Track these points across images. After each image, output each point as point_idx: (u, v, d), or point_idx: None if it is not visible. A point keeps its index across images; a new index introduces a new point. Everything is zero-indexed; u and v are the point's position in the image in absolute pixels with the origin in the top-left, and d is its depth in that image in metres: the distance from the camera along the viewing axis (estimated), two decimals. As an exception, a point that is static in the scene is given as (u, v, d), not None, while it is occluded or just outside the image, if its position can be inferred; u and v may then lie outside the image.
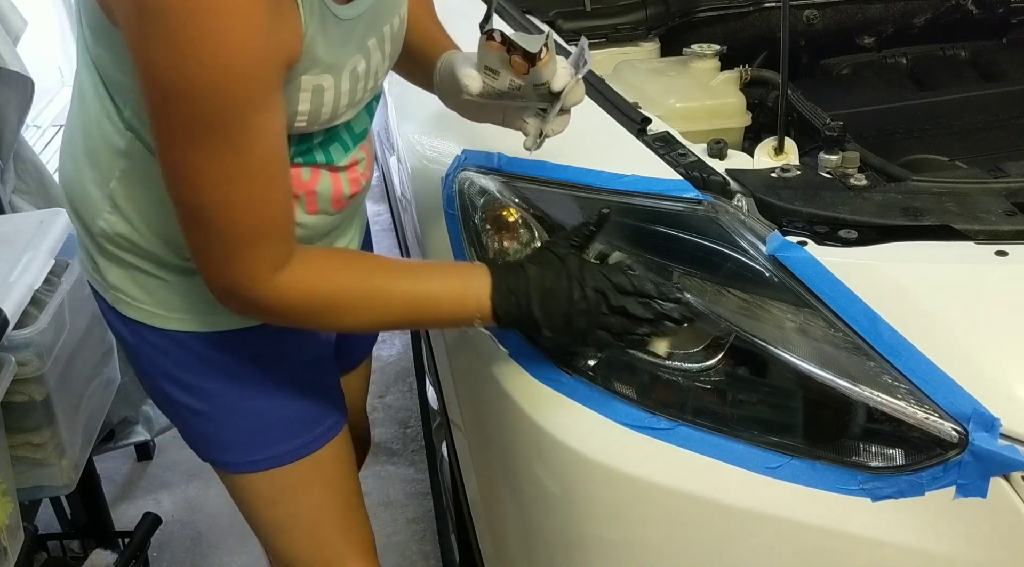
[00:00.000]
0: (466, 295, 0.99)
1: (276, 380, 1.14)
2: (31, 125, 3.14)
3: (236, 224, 0.88)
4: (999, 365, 0.90)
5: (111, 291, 1.09)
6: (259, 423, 1.15)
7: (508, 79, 0.97)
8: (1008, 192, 1.06)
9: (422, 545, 2.10)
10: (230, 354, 1.10)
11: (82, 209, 1.06)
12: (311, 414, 1.18)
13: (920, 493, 0.90)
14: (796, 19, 1.90)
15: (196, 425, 1.15)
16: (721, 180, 1.10)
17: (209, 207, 0.86)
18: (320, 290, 0.95)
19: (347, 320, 1.00)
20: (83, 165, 1.04)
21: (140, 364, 1.14)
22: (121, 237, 1.04)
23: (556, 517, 1.09)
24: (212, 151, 0.83)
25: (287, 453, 1.16)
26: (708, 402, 1.01)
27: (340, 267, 0.98)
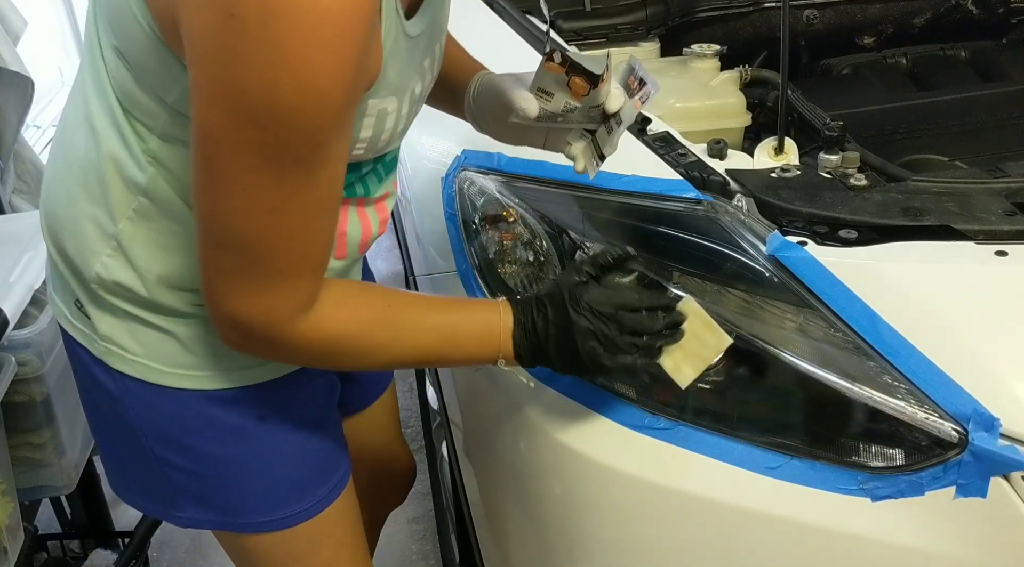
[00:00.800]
0: (487, 338, 0.93)
1: (281, 441, 1.06)
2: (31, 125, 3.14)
3: (276, 256, 0.80)
4: (999, 365, 0.90)
5: (100, 342, 0.97)
6: (262, 486, 1.06)
7: (563, 101, 0.94)
8: (1008, 192, 1.06)
9: (422, 545, 2.10)
10: (235, 414, 1.01)
11: (74, 250, 0.94)
12: (317, 473, 1.10)
13: (920, 493, 0.90)
14: (796, 19, 1.90)
15: (185, 485, 1.04)
16: (721, 180, 1.10)
17: (251, 236, 0.78)
18: (344, 331, 0.88)
19: (368, 361, 0.94)
20: (80, 200, 0.92)
21: (125, 422, 1.01)
22: (119, 285, 0.93)
23: (556, 517, 1.09)
24: (277, 177, 0.76)
25: (291, 516, 1.08)
26: (708, 402, 1.01)
27: (365, 306, 0.91)
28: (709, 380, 1.01)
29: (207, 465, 1.02)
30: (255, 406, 1.02)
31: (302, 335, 0.85)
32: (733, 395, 1.01)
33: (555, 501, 1.08)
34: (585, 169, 1.02)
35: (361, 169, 0.95)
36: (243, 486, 1.05)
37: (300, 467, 1.08)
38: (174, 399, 0.98)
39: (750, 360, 1.00)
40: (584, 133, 1.00)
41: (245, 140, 0.73)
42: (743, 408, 1.00)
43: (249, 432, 1.02)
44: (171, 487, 1.04)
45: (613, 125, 0.96)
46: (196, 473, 1.03)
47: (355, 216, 0.98)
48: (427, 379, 1.79)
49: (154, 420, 1.00)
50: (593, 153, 1.00)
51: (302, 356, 0.90)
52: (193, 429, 1.00)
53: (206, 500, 1.05)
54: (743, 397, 1.01)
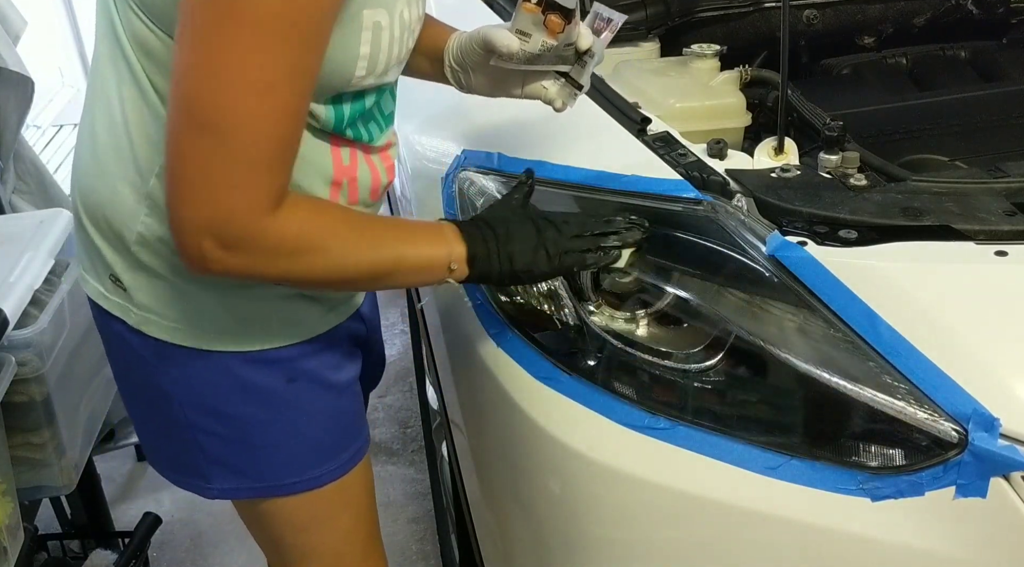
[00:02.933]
0: (439, 240, 0.98)
1: (308, 404, 1.10)
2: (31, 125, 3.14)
3: (259, 141, 0.81)
4: (999, 365, 0.90)
5: (136, 312, 1.02)
6: (290, 448, 1.10)
7: (540, 40, 1.02)
8: (1008, 192, 1.06)
9: (422, 545, 2.10)
10: (266, 376, 1.05)
11: (113, 217, 0.99)
12: (342, 436, 1.15)
13: (920, 493, 0.90)
14: (796, 19, 1.90)
15: (218, 452, 1.08)
16: (721, 180, 1.10)
17: (240, 116, 0.80)
18: (312, 228, 0.90)
19: (332, 263, 0.93)
20: (112, 167, 0.97)
21: (161, 389, 1.06)
22: (161, 241, 0.97)
23: (556, 517, 1.09)
24: (276, 53, 0.78)
25: (317, 478, 1.12)
26: (708, 402, 1.01)
27: (327, 207, 0.96)
28: (709, 380, 1.01)
29: (238, 428, 1.07)
30: (285, 368, 1.06)
31: (277, 229, 0.86)
32: (733, 395, 1.01)
33: (555, 501, 1.08)
34: (565, 105, 1.10)
35: (365, 101, 0.98)
36: (272, 448, 1.09)
37: (327, 429, 1.12)
38: (209, 362, 1.03)
39: (750, 360, 1.00)
40: (556, 76, 1.09)
41: (235, 11, 0.76)
42: (743, 408, 1.00)
43: (279, 394, 1.06)
44: (203, 457, 1.09)
45: (587, 59, 1.06)
46: (227, 438, 1.07)
47: (364, 163, 1.02)
48: (427, 379, 1.79)
49: (190, 385, 1.04)
50: (571, 88, 1.09)
51: (265, 256, 0.88)
52: (226, 392, 1.05)
53: (236, 467, 1.09)
54: (743, 397, 1.01)
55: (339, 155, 0.99)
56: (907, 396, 0.91)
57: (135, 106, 0.94)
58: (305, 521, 1.15)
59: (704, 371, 1.02)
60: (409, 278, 1.05)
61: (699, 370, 1.02)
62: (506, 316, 1.15)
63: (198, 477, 1.12)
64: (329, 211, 0.96)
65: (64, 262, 1.65)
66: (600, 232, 1.03)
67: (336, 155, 0.99)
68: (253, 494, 1.13)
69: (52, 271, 1.59)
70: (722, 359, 1.01)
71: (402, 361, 2.75)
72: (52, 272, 1.60)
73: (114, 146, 0.97)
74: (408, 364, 2.68)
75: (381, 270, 0.97)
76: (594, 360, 1.06)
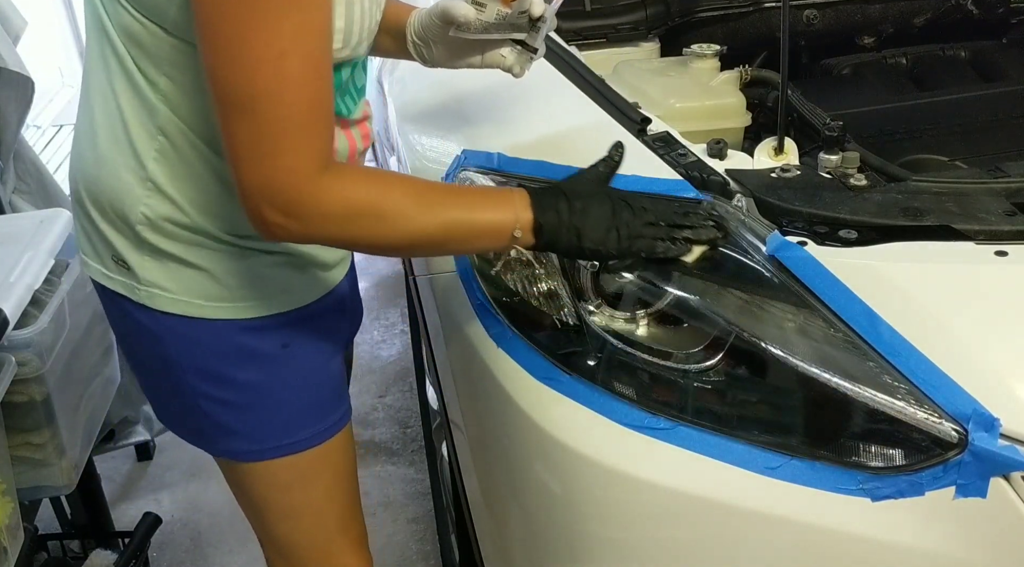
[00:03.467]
0: (506, 206, 0.99)
1: (300, 368, 1.17)
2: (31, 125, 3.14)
3: (289, 107, 0.87)
4: (999, 365, 0.90)
5: (142, 288, 1.09)
6: (283, 411, 1.17)
7: (495, 9, 1.09)
8: (1008, 192, 1.06)
9: (422, 545, 2.10)
10: (262, 341, 1.12)
11: (116, 202, 1.05)
12: (331, 399, 1.23)
13: (920, 493, 0.90)
14: (796, 19, 1.90)
15: (218, 416, 1.16)
16: (721, 180, 1.10)
17: (262, 88, 0.86)
18: (362, 196, 0.94)
19: (387, 231, 0.96)
20: (112, 155, 1.04)
21: (166, 358, 1.13)
22: (166, 220, 1.04)
23: (556, 517, 1.09)
24: (275, 22, 0.84)
25: (307, 439, 1.20)
26: (708, 402, 1.01)
27: (382, 177, 1.00)
28: (709, 380, 1.01)
29: (238, 392, 1.14)
30: (280, 334, 1.13)
31: (323, 195, 0.91)
32: (733, 395, 1.01)
33: (555, 501, 1.08)
34: (522, 71, 1.16)
35: (341, 74, 1.03)
36: (269, 410, 1.16)
37: (318, 392, 1.20)
38: (209, 330, 1.10)
39: (750, 360, 1.00)
40: (513, 45, 1.15)
41: None
42: (743, 408, 1.00)
43: (275, 358, 1.14)
44: (206, 420, 1.17)
45: (539, 25, 1.11)
46: (228, 402, 1.14)
47: (342, 135, 1.08)
48: (427, 379, 1.79)
49: (192, 353, 1.11)
50: (527, 56, 1.15)
51: (325, 221, 0.93)
52: (225, 358, 1.12)
53: (237, 430, 1.17)
54: (743, 397, 1.01)
55: None
56: (907, 396, 0.91)
57: (127, 97, 1.00)
58: (289, 480, 1.22)
59: (704, 371, 1.02)
60: (473, 243, 1.06)
61: (699, 370, 1.02)
62: (506, 316, 1.15)
63: (203, 440, 1.21)
64: (380, 176, 1.00)
65: (64, 262, 1.65)
66: (676, 224, 1.01)
67: None
68: (253, 457, 1.19)
69: (52, 271, 1.59)
70: (722, 359, 1.01)
71: (402, 361, 2.75)
72: (52, 272, 1.59)
73: (112, 137, 1.03)
74: (408, 364, 2.68)
75: (441, 235, 0.99)
76: (594, 360, 1.06)
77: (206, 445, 1.22)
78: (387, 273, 3.20)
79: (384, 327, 2.94)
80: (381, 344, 2.85)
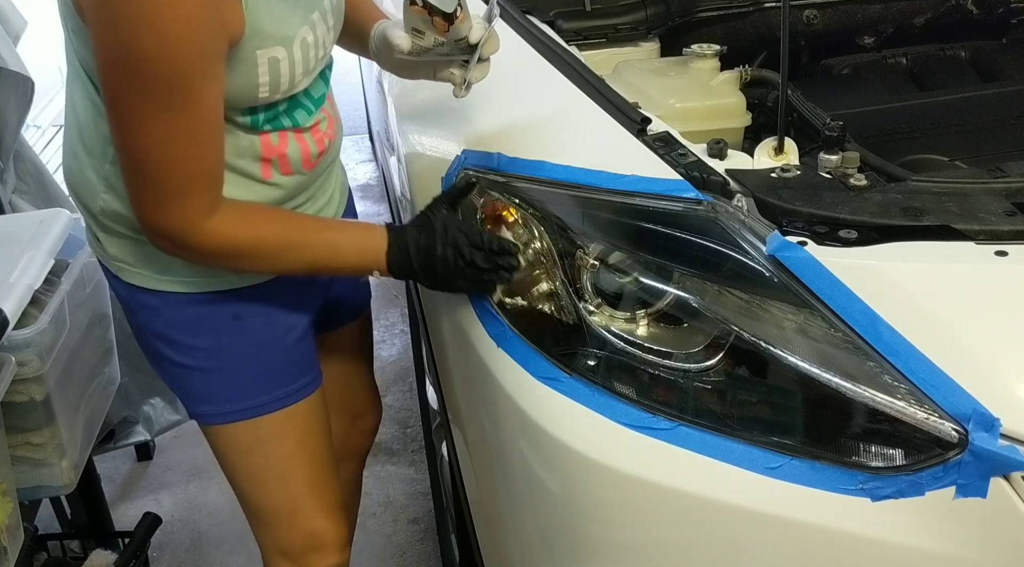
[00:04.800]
0: (366, 250, 1.16)
1: (256, 339, 1.27)
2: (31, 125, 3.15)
3: (173, 175, 1.02)
4: (999, 365, 0.90)
5: (113, 261, 1.23)
6: (238, 377, 1.28)
7: (432, 37, 1.13)
8: (1008, 192, 1.06)
9: (422, 545, 2.10)
10: (215, 313, 1.24)
11: (83, 193, 1.20)
12: (287, 371, 1.31)
13: (920, 493, 0.90)
14: (796, 19, 1.90)
15: (182, 379, 1.29)
16: (721, 180, 1.10)
17: (150, 160, 1.01)
18: (242, 237, 1.10)
19: (264, 265, 1.16)
20: (81, 154, 1.17)
21: (136, 323, 1.28)
22: (117, 213, 1.18)
23: (556, 517, 1.09)
24: (159, 111, 0.98)
25: (263, 405, 1.29)
26: (708, 402, 1.01)
27: (261, 219, 1.14)
28: (709, 380, 1.01)
29: (193, 357, 1.26)
30: (231, 307, 1.24)
31: (208, 237, 1.08)
32: (733, 395, 1.01)
33: (555, 501, 1.08)
34: (459, 95, 1.22)
35: (278, 106, 1.14)
36: (222, 375, 1.27)
37: (274, 361, 1.30)
38: (166, 301, 1.23)
39: (750, 360, 1.00)
40: (463, 63, 1.19)
41: (128, 86, 0.97)
42: (743, 408, 1.00)
43: (226, 328, 1.25)
44: (175, 384, 1.31)
45: (480, 53, 1.15)
46: (187, 366, 1.27)
47: (293, 141, 1.19)
48: (427, 379, 1.79)
49: (155, 322, 1.25)
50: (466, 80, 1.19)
51: (212, 258, 1.13)
52: (181, 326, 1.25)
53: (198, 393, 1.29)
54: (743, 397, 1.01)
55: (267, 139, 1.16)
56: (907, 396, 0.91)
57: (88, 110, 1.14)
58: (250, 443, 1.32)
59: (704, 371, 1.01)
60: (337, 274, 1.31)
61: (699, 370, 1.02)
62: (506, 316, 1.15)
63: (180, 401, 1.36)
64: (258, 219, 1.14)
65: (64, 262, 1.65)
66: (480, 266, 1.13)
67: (264, 140, 1.15)
68: (215, 420, 1.30)
69: (52, 271, 1.59)
70: (722, 359, 1.01)
71: (402, 361, 2.75)
72: (52, 272, 1.59)
73: (80, 140, 1.17)
74: (408, 364, 2.68)
75: (307, 271, 1.20)
76: (594, 360, 1.06)
77: (185, 404, 1.33)
78: (387, 273, 3.20)
79: (384, 327, 2.94)
80: (381, 344, 2.85)
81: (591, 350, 1.06)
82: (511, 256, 1.14)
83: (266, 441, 1.32)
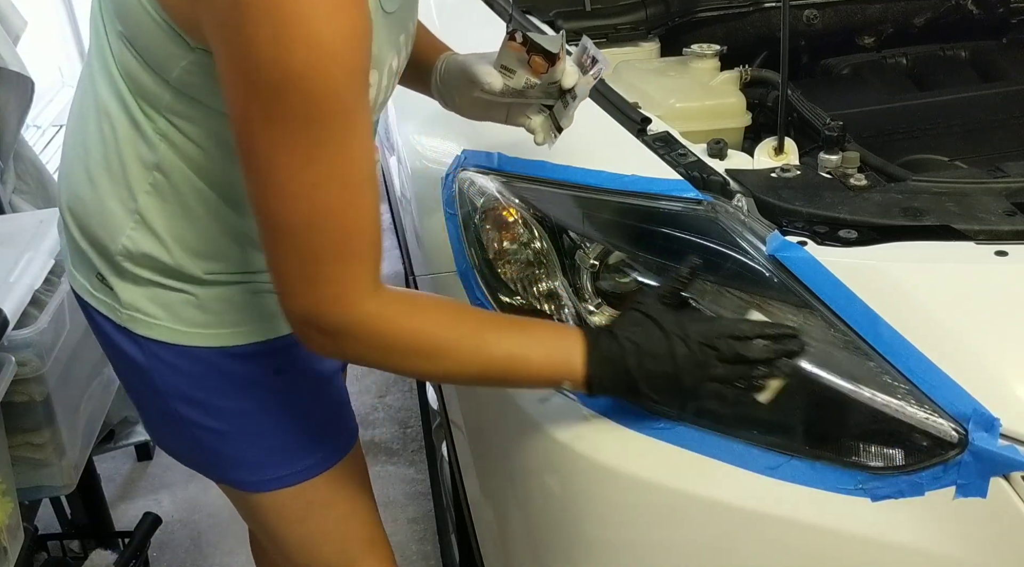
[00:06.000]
0: (556, 359, 0.94)
1: (297, 394, 1.11)
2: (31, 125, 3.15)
3: (328, 235, 0.84)
4: (999, 365, 0.90)
5: (123, 311, 1.03)
6: (281, 439, 1.11)
7: (524, 78, 1.03)
8: (1008, 192, 1.06)
9: (422, 545, 2.10)
10: (253, 369, 1.07)
11: (100, 228, 1.01)
12: (330, 426, 1.17)
13: (920, 493, 0.90)
14: (796, 19, 1.90)
15: (213, 445, 1.10)
16: (721, 180, 1.10)
17: (300, 217, 0.83)
18: (408, 326, 0.91)
19: (427, 366, 0.95)
20: (103, 181, 0.99)
21: (152, 386, 1.07)
22: (145, 256, 1.00)
23: (556, 517, 1.09)
24: (309, 150, 0.80)
25: (311, 467, 1.14)
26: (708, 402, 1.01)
27: (431, 309, 0.95)
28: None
29: (229, 421, 1.08)
30: (271, 360, 1.07)
31: (365, 323, 0.88)
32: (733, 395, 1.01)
33: (555, 501, 1.08)
34: (545, 141, 1.10)
35: None
36: (263, 440, 1.10)
37: (315, 419, 1.13)
38: (195, 358, 1.04)
39: (750, 360, 1.00)
40: (542, 108, 1.09)
41: (271, 116, 0.78)
42: (743, 408, 1.00)
43: (266, 385, 1.08)
44: (199, 450, 1.11)
45: (569, 99, 1.05)
46: (219, 431, 1.08)
47: None
48: (427, 379, 1.79)
49: (178, 382, 1.05)
50: (552, 126, 1.09)
51: (366, 347, 0.91)
52: (214, 386, 1.06)
53: (233, 459, 1.11)
54: (743, 397, 1.00)
55: None
56: (907, 396, 0.91)
57: (126, 131, 0.95)
58: (301, 510, 1.16)
59: (704, 371, 1.01)
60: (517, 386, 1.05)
61: (699, 370, 1.01)
62: (506, 316, 1.14)
63: (203, 468, 1.16)
64: (429, 308, 0.95)
65: (64, 262, 1.65)
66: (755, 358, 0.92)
67: None
68: (256, 487, 1.13)
69: (52, 271, 1.59)
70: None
71: (402, 361, 2.75)
72: (52, 272, 1.59)
73: (106, 165, 0.98)
74: (408, 364, 2.67)
75: (477, 381, 1.01)
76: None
77: (207, 473, 1.16)
78: (387, 273, 3.20)
79: (384, 327, 2.94)
80: (381, 344, 2.84)
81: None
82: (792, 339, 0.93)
83: (319, 506, 1.16)
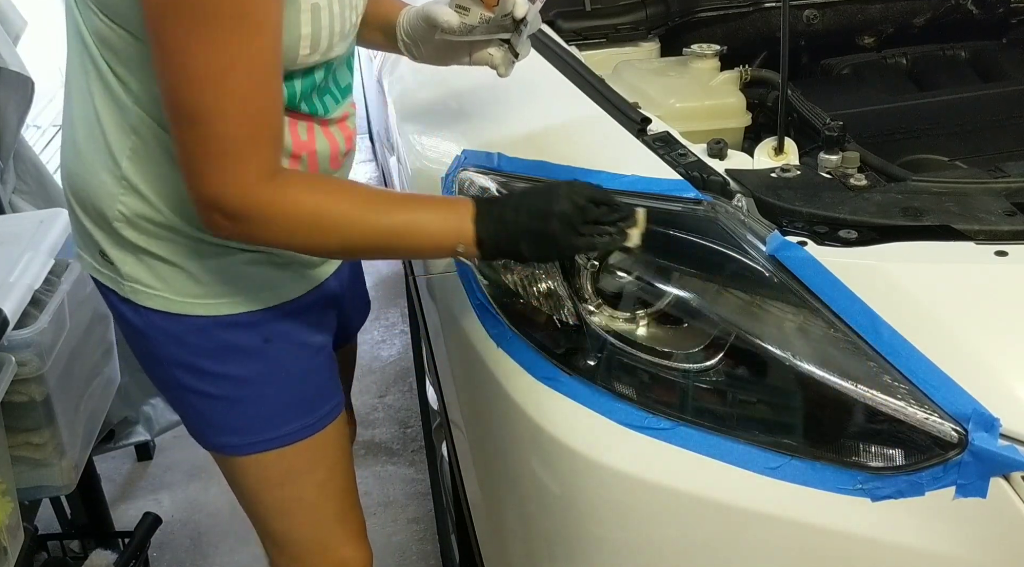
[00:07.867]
0: (448, 221, 1.01)
1: (285, 363, 1.18)
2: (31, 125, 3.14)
3: (231, 122, 0.90)
4: (999, 365, 0.90)
5: (125, 283, 1.12)
6: (268, 404, 1.19)
7: (479, 14, 1.11)
8: (1008, 192, 1.06)
9: (422, 545, 2.10)
10: (243, 337, 1.14)
11: (95, 199, 1.08)
12: (316, 395, 1.23)
13: (920, 493, 0.90)
14: (796, 19, 1.90)
15: (204, 410, 1.18)
16: (721, 180, 1.10)
17: (208, 103, 0.89)
18: (306, 204, 0.97)
19: (329, 239, 1.00)
20: (89, 154, 1.07)
21: (152, 353, 1.16)
22: (140, 217, 1.07)
23: (556, 517, 1.09)
24: (217, 41, 0.87)
25: (294, 433, 1.21)
26: (708, 402, 1.01)
27: (327, 186, 1.02)
28: (709, 380, 1.01)
29: (220, 386, 1.16)
30: (261, 330, 1.15)
31: (265, 205, 0.95)
32: (733, 395, 1.01)
33: (555, 501, 1.08)
34: (507, 73, 1.18)
35: (315, 76, 1.05)
36: (253, 405, 1.18)
37: (303, 387, 1.21)
38: (190, 326, 1.12)
39: (750, 360, 1.00)
40: (500, 43, 1.16)
41: (180, 7, 0.86)
42: (743, 408, 1.00)
43: (257, 353, 1.16)
44: (195, 414, 1.20)
45: (523, 28, 1.13)
46: (213, 396, 1.17)
47: (321, 136, 1.11)
48: (427, 379, 1.79)
49: (175, 348, 1.14)
50: (510, 57, 1.17)
51: (266, 229, 0.97)
52: (207, 352, 1.14)
53: (222, 424, 1.19)
54: (743, 397, 1.01)
55: (296, 131, 1.07)
56: (907, 396, 0.91)
57: (102, 98, 1.03)
58: (280, 475, 1.23)
59: (704, 371, 1.02)
60: (414, 254, 1.18)
61: (699, 370, 1.02)
62: (506, 316, 1.15)
63: (195, 432, 1.23)
64: (326, 185, 1.02)
65: (64, 262, 1.65)
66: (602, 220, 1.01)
67: (294, 132, 1.07)
68: (240, 450, 1.20)
69: (52, 271, 1.60)
70: (722, 359, 1.01)
71: (402, 361, 2.75)
72: (52, 272, 1.60)
73: (90, 137, 1.06)
74: (408, 364, 2.68)
75: (382, 247, 1.03)
76: (594, 360, 1.06)
77: (198, 438, 1.23)
78: (387, 273, 3.20)
79: (384, 327, 2.94)
80: (381, 344, 2.85)
81: (591, 350, 1.06)
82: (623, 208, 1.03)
83: (298, 472, 1.24)
